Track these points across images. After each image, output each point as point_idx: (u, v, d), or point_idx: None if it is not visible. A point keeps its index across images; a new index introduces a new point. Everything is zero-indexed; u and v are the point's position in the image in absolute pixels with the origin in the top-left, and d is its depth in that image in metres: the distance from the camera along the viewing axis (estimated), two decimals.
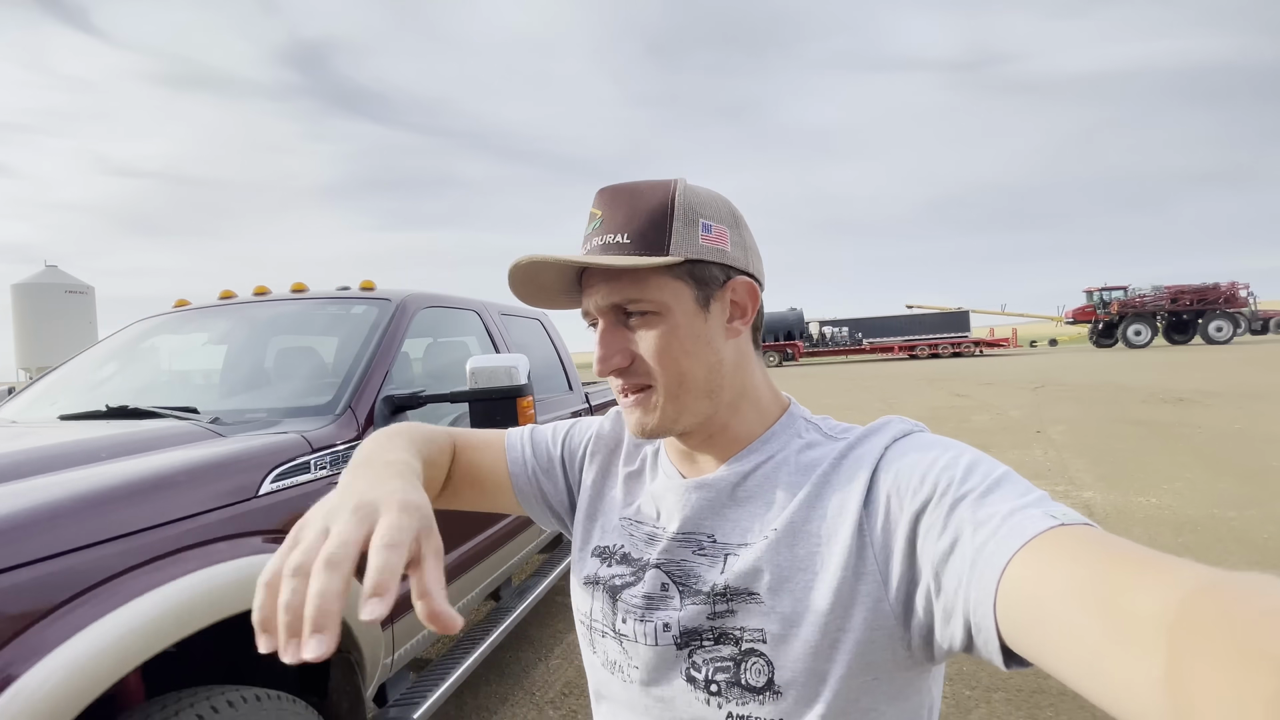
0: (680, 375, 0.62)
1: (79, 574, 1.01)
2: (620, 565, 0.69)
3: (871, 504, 0.56)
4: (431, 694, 1.89)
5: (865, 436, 0.62)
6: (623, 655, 0.66)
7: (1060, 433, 7.90)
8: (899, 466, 0.56)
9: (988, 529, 0.46)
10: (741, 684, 0.58)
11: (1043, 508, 0.46)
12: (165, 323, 2.45)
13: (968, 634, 0.47)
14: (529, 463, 0.81)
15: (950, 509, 0.50)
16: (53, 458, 1.24)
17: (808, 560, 0.57)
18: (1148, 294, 32.18)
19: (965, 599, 0.46)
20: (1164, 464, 5.90)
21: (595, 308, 0.64)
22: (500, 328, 2.90)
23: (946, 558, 0.49)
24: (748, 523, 0.62)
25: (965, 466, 0.53)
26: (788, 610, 0.57)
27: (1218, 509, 4.44)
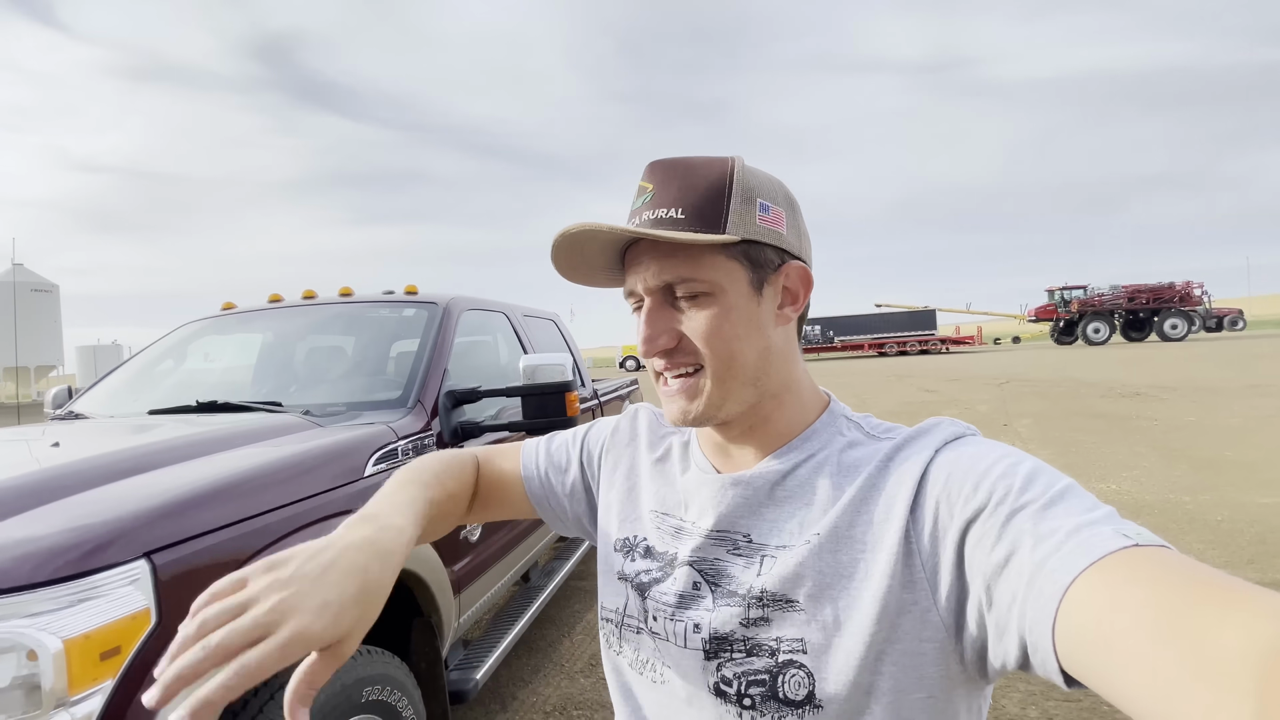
0: (730, 358, 0.59)
1: (261, 534, 1.22)
2: (645, 559, 0.67)
3: (919, 510, 0.53)
4: (486, 661, 2.11)
5: (913, 438, 0.59)
6: (656, 654, 0.64)
7: (1026, 426, 8.36)
8: (950, 471, 0.53)
9: (1050, 544, 0.44)
10: (779, 697, 0.55)
11: (1113, 525, 0.43)
12: (223, 323, 2.61)
13: (1023, 652, 0.45)
14: (541, 466, 0.81)
15: (1006, 519, 0.47)
16: (199, 443, 1.44)
17: (851, 567, 0.55)
18: (1106, 293, 33.50)
19: (1021, 616, 0.44)
20: (1123, 454, 6.35)
21: (644, 286, 0.61)
22: (524, 328, 3.12)
23: (1000, 571, 0.46)
24: (786, 524, 0.59)
25: (1025, 475, 0.49)
26: (829, 619, 0.54)
27: (1173, 494, 4.85)
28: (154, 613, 1.05)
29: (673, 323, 0.60)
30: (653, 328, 0.60)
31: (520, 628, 2.40)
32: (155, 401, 2.13)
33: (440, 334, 2.25)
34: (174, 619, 1.08)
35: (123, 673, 1.00)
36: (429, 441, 1.91)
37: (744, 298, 0.60)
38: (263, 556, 1.26)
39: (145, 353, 2.62)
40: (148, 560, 1.06)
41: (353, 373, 2.23)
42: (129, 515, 1.09)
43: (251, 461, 1.35)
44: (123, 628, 1.01)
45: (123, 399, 2.30)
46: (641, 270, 0.60)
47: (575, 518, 0.81)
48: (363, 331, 2.43)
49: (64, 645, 0.93)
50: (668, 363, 0.61)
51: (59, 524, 1.06)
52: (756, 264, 0.60)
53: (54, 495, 1.18)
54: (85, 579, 0.99)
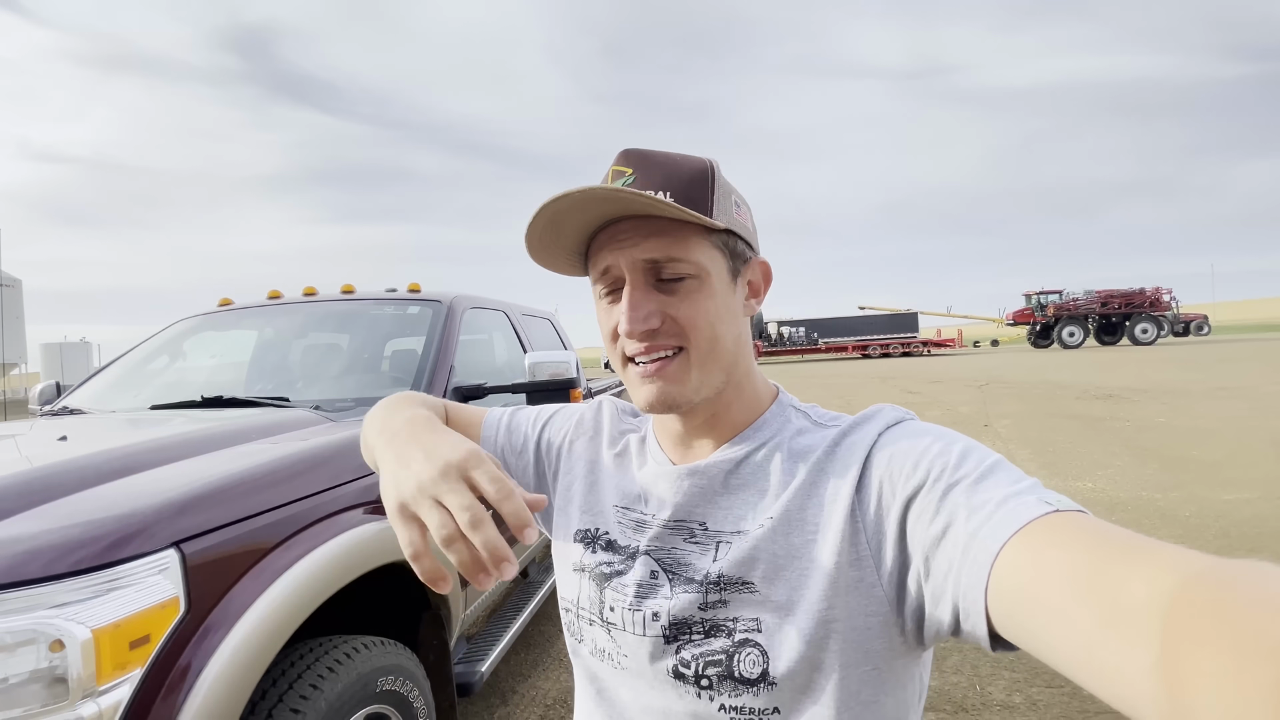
0: (714, 341, 0.61)
1: (284, 525, 1.23)
2: (605, 552, 0.68)
3: (864, 490, 0.56)
4: (490, 654, 2.13)
5: (858, 424, 0.61)
6: (611, 644, 0.65)
7: (1006, 426, 8.54)
8: (892, 452, 0.56)
9: (981, 515, 0.46)
10: (735, 676, 0.57)
11: (1037, 494, 0.46)
12: (222, 319, 2.59)
13: (955, 618, 0.47)
14: (499, 442, 0.80)
15: (943, 495, 0.50)
16: (217, 437, 1.44)
17: (803, 548, 0.57)
18: (1080, 298, 34.24)
19: (956, 583, 0.47)
20: (1097, 453, 6.52)
21: (628, 262, 0.60)
22: (523, 327, 3.13)
23: (938, 542, 0.49)
24: (741, 510, 0.61)
25: (959, 453, 0.53)
26: (783, 599, 0.56)
27: (1145, 491, 5.00)
28: (183, 601, 1.06)
29: (657, 304, 0.60)
30: (638, 308, 0.59)
31: (521, 622, 2.42)
32: (154, 397, 2.12)
33: (445, 331, 2.27)
34: (203, 607, 1.09)
35: (152, 661, 1.01)
36: None
37: (724, 284, 0.62)
38: (284, 547, 1.29)
39: (138, 349, 2.60)
40: (177, 550, 1.07)
41: (359, 369, 2.24)
42: (157, 506, 1.10)
43: (274, 454, 1.37)
44: (152, 616, 1.02)
45: (119, 395, 2.27)
46: (626, 248, 0.60)
47: None
48: (367, 329, 2.43)
49: (93, 635, 0.94)
50: (648, 345, 0.60)
51: (85, 515, 1.07)
52: (733, 254, 0.62)
53: (75, 487, 1.19)
54: (114, 568, 1.00)
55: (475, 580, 0.48)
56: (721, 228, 0.60)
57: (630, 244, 0.59)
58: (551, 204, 0.57)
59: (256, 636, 1.15)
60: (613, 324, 0.63)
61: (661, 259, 0.59)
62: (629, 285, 0.60)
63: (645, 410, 0.63)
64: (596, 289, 0.65)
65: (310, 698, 1.26)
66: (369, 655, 1.43)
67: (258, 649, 1.15)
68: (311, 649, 1.37)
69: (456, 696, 1.82)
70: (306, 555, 1.29)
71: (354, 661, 1.39)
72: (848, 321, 37.73)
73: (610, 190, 0.55)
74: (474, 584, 0.48)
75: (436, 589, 0.51)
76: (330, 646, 1.39)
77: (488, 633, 2.31)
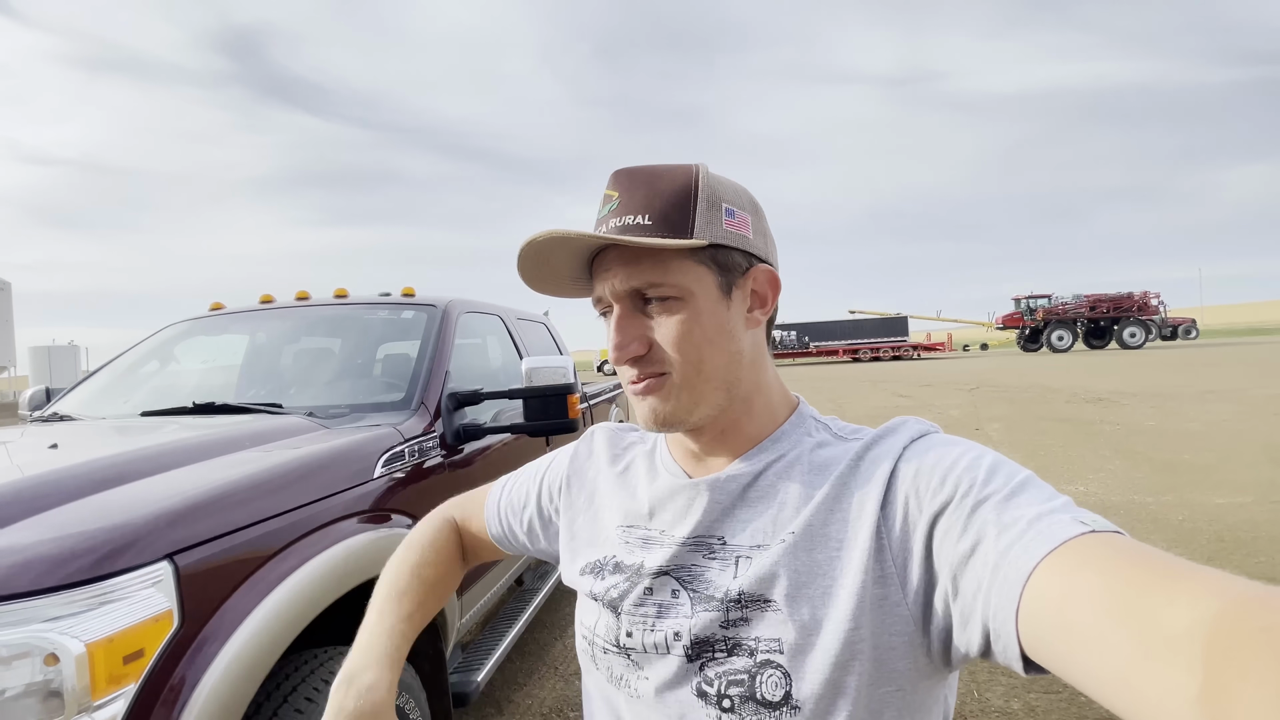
0: (699, 363, 0.60)
1: (279, 535, 1.22)
2: (615, 575, 0.66)
3: (889, 506, 0.55)
4: (485, 663, 2.11)
5: (881, 437, 0.60)
6: (629, 669, 0.63)
7: (996, 430, 8.59)
8: (918, 467, 0.55)
9: (1012, 533, 0.45)
10: (757, 698, 0.55)
11: (1070, 513, 0.45)
12: (212, 323, 2.56)
13: (985, 640, 0.46)
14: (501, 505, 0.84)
15: (971, 511, 0.49)
16: (210, 444, 1.42)
17: (826, 565, 0.55)
18: (1069, 302, 34.58)
19: (985, 604, 0.45)
20: (1089, 457, 6.56)
21: (612, 292, 0.61)
22: (518, 331, 3.12)
23: (966, 560, 0.48)
24: (760, 524, 0.60)
25: (987, 468, 0.51)
26: (806, 618, 0.54)
27: (1136, 495, 5.03)
28: (177, 614, 1.04)
29: (643, 329, 0.60)
30: (623, 334, 0.60)
31: (517, 630, 2.40)
32: (145, 403, 2.09)
33: (440, 336, 2.25)
34: (197, 620, 1.07)
35: (146, 675, 0.99)
36: (432, 443, 1.91)
37: (713, 302, 0.60)
38: (279, 557, 1.27)
39: (128, 354, 2.56)
40: (170, 562, 1.05)
41: (352, 374, 2.22)
42: (150, 517, 1.08)
43: (267, 462, 1.35)
44: (146, 630, 1.00)
45: (109, 400, 2.24)
46: (610, 276, 0.60)
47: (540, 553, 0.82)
48: (360, 333, 2.41)
49: (87, 649, 0.92)
50: (638, 371, 0.61)
51: (77, 526, 1.04)
52: (724, 268, 0.61)
53: (65, 497, 1.16)
54: (107, 581, 0.98)
55: None
56: (704, 244, 0.59)
57: (611, 273, 0.60)
58: (527, 245, 0.59)
59: (252, 649, 1.13)
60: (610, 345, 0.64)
61: (642, 285, 0.59)
62: (615, 313, 0.61)
63: (646, 429, 0.63)
64: (598, 311, 0.66)
65: (305, 711, 1.24)
66: None
67: (253, 661, 1.13)
68: (307, 661, 1.35)
69: (453, 706, 1.80)
70: (302, 566, 1.27)
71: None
72: (838, 325, 37.95)
73: (568, 233, 0.57)
74: None
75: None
76: (326, 658, 1.37)
77: (483, 642, 2.29)
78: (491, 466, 2.23)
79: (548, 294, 0.67)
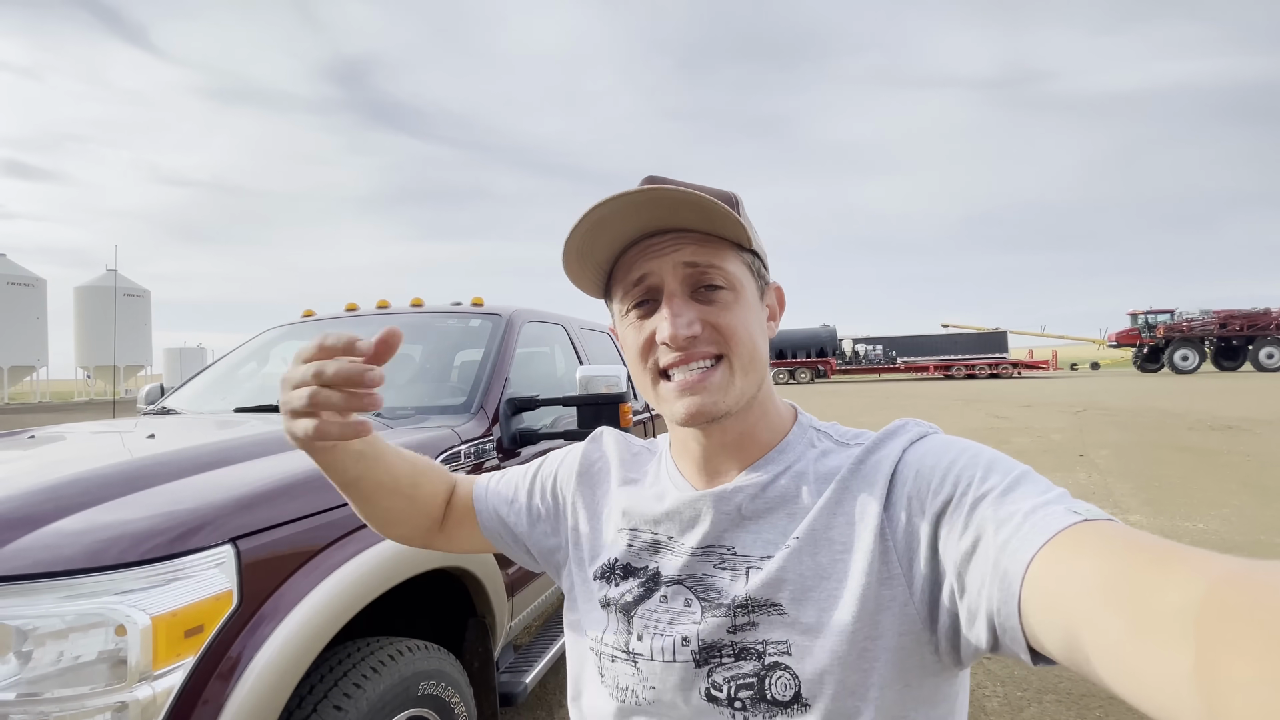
0: (754, 350, 0.61)
1: (334, 527, 1.29)
2: (626, 580, 0.66)
3: (892, 507, 0.55)
4: (535, 666, 2.14)
5: (882, 441, 0.61)
6: (636, 678, 0.63)
7: (1104, 457, 7.87)
8: (918, 468, 0.56)
9: (1010, 526, 0.46)
10: (767, 699, 0.56)
11: (1065, 504, 0.46)
12: (303, 329, 2.78)
13: (993, 633, 0.47)
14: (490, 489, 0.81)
15: (971, 508, 0.50)
16: (280, 439, 1.53)
17: (830, 568, 0.56)
18: (1195, 318, 31.38)
19: (989, 598, 0.46)
20: (1212, 490, 5.89)
21: (670, 267, 0.60)
22: (580, 341, 3.17)
23: (969, 557, 0.49)
24: (769, 534, 0.60)
25: (985, 465, 0.52)
26: (812, 621, 0.55)
27: (1265, 535, 4.47)
28: (236, 595, 1.12)
29: (698, 312, 0.60)
30: (681, 314, 0.59)
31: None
32: (239, 400, 2.28)
33: (503, 344, 2.33)
34: (254, 602, 1.15)
35: (204, 651, 1.06)
36: (489, 446, 1.97)
37: (755, 301, 0.63)
38: (334, 547, 1.34)
39: (230, 355, 2.81)
40: (233, 545, 1.13)
41: (420, 379, 2.33)
42: (217, 503, 1.17)
43: None
44: (206, 608, 1.08)
45: (210, 397, 2.47)
46: (666, 254, 0.60)
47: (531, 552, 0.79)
48: (433, 340, 2.53)
49: (152, 622, 1.00)
50: (686, 354, 0.59)
51: (153, 509, 1.15)
52: (758, 275, 0.64)
53: (149, 482, 1.28)
54: (174, 561, 1.07)
55: (363, 405, 0.58)
56: (751, 247, 0.62)
57: (670, 250, 0.60)
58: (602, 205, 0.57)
59: (304, 632, 1.19)
60: (643, 337, 0.62)
61: (702, 263, 0.60)
62: (668, 293, 0.60)
63: (682, 424, 0.62)
64: (623, 306, 0.64)
65: (353, 696, 1.30)
66: (412, 659, 1.47)
67: (305, 644, 1.19)
68: (359, 648, 1.42)
69: (499, 706, 1.83)
70: (355, 556, 1.34)
71: (397, 664, 1.43)
72: (929, 340, 36.07)
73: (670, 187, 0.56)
74: (364, 407, 0.58)
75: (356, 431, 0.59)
76: (376, 647, 1.44)
77: (536, 644, 2.33)
78: None
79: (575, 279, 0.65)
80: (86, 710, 0.94)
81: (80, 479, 1.24)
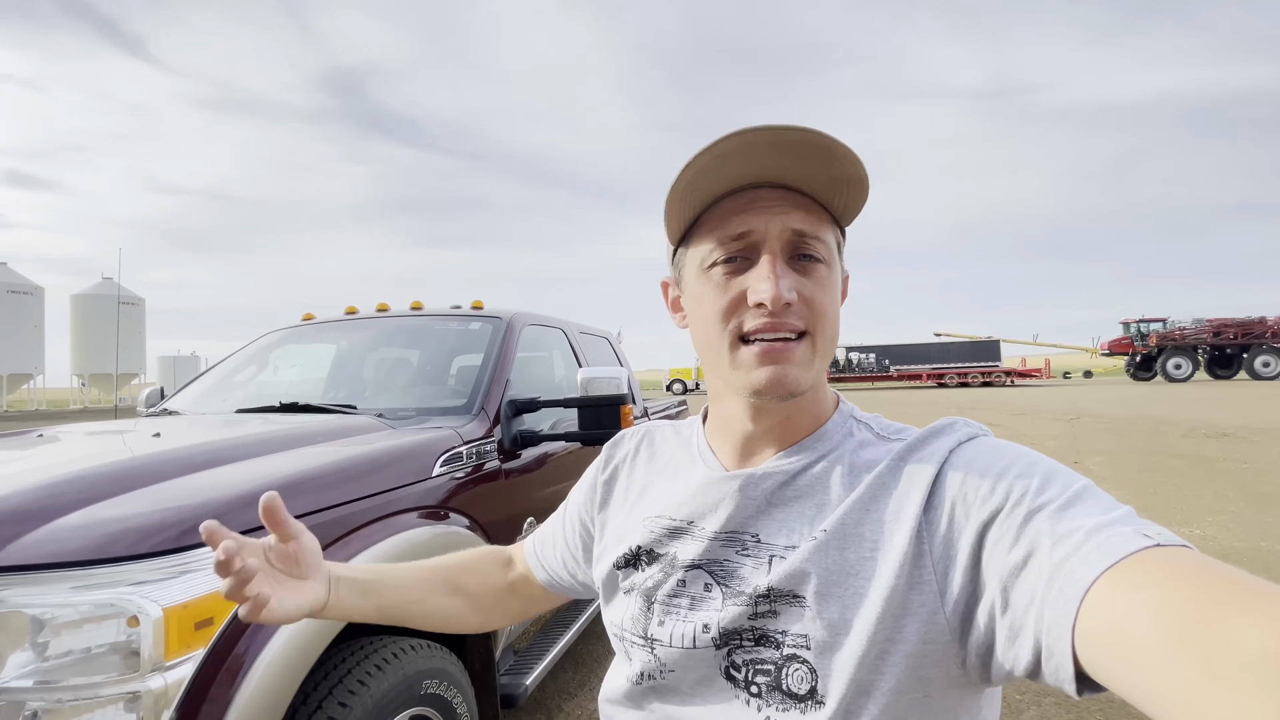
0: (833, 334, 0.59)
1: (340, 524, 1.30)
2: (650, 566, 0.66)
3: (933, 510, 0.52)
4: (536, 668, 2.14)
5: (927, 438, 0.58)
6: (653, 663, 0.63)
7: (1099, 464, 7.91)
8: (967, 471, 0.53)
9: (1069, 544, 0.43)
10: (783, 689, 0.55)
11: (1133, 525, 0.43)
12: (303, 332, 2.79)
13: (1036, 657, 0.44)
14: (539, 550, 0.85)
15: (1025, 520, 0.47)
16: (286, 438, 1.55)
17: (859, 565, 0.54)
18: (1188, 327, 31.61)
19: (1039, 617, 0.43)
20: (1208, 497, 5.92)
21: (778, 229, 0.57)
22: (580, 345, 3.19)
23: (1018, 572, 0.45)
24: (795, 523, 0.58)
25: (1043, 475, 0.49)
26: (835, 617, 0.53)
27: (1264, 541, 4.49)
28: None
29: (794, 281, 0.57)
30: (783, 279, 0.56)
31: (569, 638, 2.42)
32: (241, 401, 2.29)
33: (504, 346, 2.35)
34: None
35: (214, 643, 1.07)
36: (490, 447, 1.98)
37: (839, 280, 0.61)
38: (340, 544, 1.35)
39: (232, 358, 2.82)
40: None
41: (422, 380, 2.35)
42: (229, 498, 1.19)
43: (334, 456, 1.45)
44: (216, 600, 1.09)
45: (212, 399, 2.48)
46: (775, 214, 0.56)
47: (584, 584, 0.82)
48: (433, 343, 2.55)
49: (164, 613, 1.01)
50: (774, 322, 0.56)
51: (162, 503, 1.16)
52: (840, 253, 0.62)
53: (157, 478, 1.30)
54: (187, 553, 1.08)
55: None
56: (845, 226, 0.61)
57: (780, 211, 0.56)
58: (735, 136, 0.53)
59: (309, 628, 1.20)
60: (730, 296, 0.58)
61: (809, 232, 0.57)
62: (770, 254, 0.57)
63: (754, 394, 0.58)
64: (708, 258, 0.59)
65: (358, 693, 1.31)
66: (415, 657, 1.47)
67: (309, 641, 1.20)
68: (362, 646, 1.43)
69: (500, 707, 1.84)
70: (361, 553, 1.35)
71: (400, 662, 1.43)
72: (923, 349, 36.25)
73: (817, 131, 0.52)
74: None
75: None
76: (379, 645, 1.44)
77: (535, 646, 2.33)
78: (547, 472, 2.29)
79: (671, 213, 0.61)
80: (101, 699, 0.95)
81: (90, 474, 1.25)
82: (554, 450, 2.39)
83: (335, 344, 2.74)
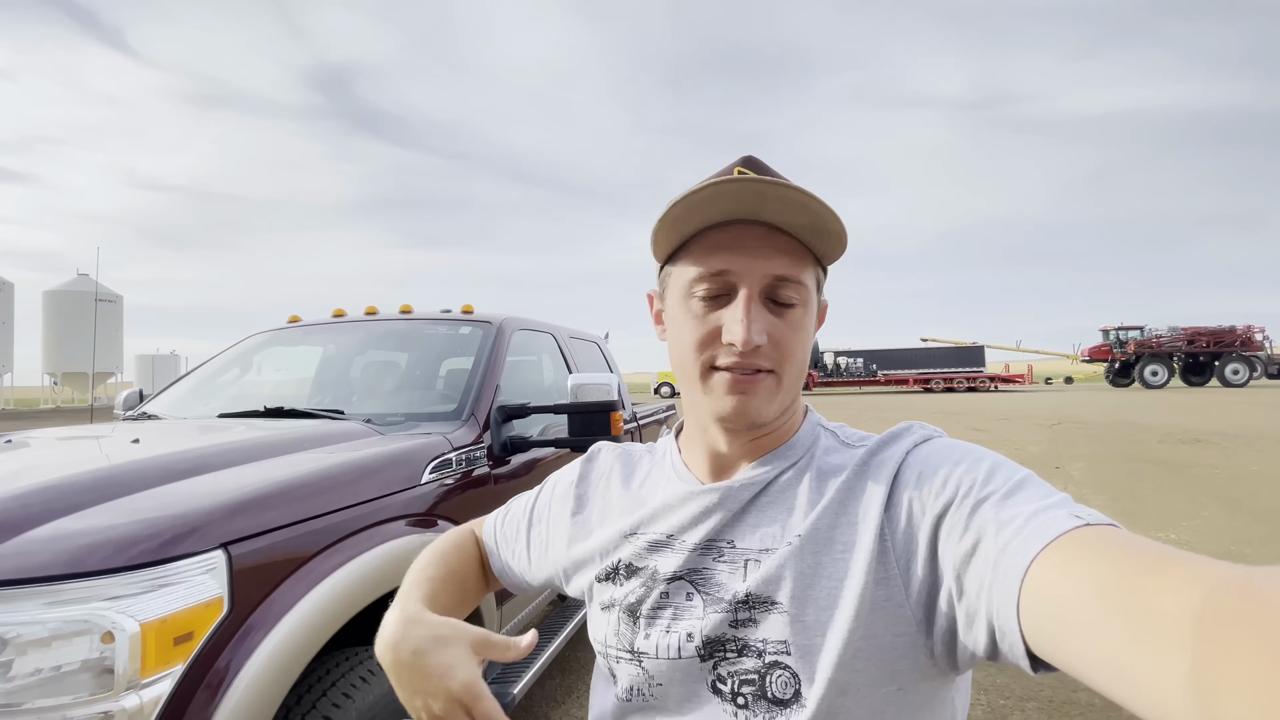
0: (800, 370, 0.62)
1: (328, 532, 1.27)
2: (630, 580, 0.66)
3: (893, 509, 0.56)
4: (524, 676, 2.12)
5: (886, 442, 0.61)
6: (642, 678, 0.63)
7: (1079, 470, 8.02)
8: (921, 470, 0.56)
9: (1010, 529, 0.46)
10: (768, 697, 0.56)
11: (1067, 509, 0.46)
12: (288, 335, 2.74)
13: (991, 638, 0.46)
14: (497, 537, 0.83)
15: (972, 510, 0.50)
16: (271, 445, 1.51)
17: (831, 567, 0.56)
18: (1164, 335, 32.24)
19: (989, 600, 0.46)
20: (1182, 502, 6.03)
21: (759, 274, 0.59)
22: (570, 349, 3.17)
23: (969, 559, 0.48)
24: (768, 529, 0.61)
25: (987, 469, 0.53)
26: (811, 620, 0.55)
27: (1235, 545, 4.58)
28: (227, 601, 1.09)
29: (766, 323, 0.59)
30: (756, 323, 0.58)
31: (556, 646, 2.39)
32: (223, 406, 2.24)
33: (494, 351, 2.32)
34: (245, 608, 1.12)
35: (193, 658, 1.04)
36: (480, 453, 1.95)
37: (813, 317, 0.63)
38: (326, 553, 1.32)
39: (214, 360, 2.76)
40: (224, 551, 1.11)
41: (411, 386, 2.31)
42: (209, 508, 1.15)
43: (321, 464, 1.42)
44: (197, 614, 1.06)
45: (193, 403, 2.42)
46: (757, 257, 0.58)
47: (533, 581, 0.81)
48: (420, 347, 2.52)
49: (141, 628, 0.98)
50: (743, 361, 0.59)
51: (142, 513, 1.12)
52: (819, 289, 0.64)
53: (136, 487, 1.25)
54: (165, 566, 1.04)
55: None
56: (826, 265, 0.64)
57: (761, 255, 0.58)
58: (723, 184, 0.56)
59: (294, 640, 1.17)
60: (706, 329, 0.60)
61: (789, 277, 0.59)
62: (747, 296, 0.59)
63: (721, 421, 0.62)
64: (689, 287, 0.61)
65: (343, 706, 1.27)
66: None
67: (294, 653, 1.17)
68: (347, 657, 1.40)
69: None
70: (347, 563, 1.32)
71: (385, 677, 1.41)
72: (908, 354, 36.59)
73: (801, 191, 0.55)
74: None
75: None
76: (365, 657, 1.41)
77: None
78: (537, 478, 2.26)
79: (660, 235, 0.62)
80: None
81: (64, 483, 1.21)
82: (544, 456, 2.36)
83: (322, 347, 2.69)
